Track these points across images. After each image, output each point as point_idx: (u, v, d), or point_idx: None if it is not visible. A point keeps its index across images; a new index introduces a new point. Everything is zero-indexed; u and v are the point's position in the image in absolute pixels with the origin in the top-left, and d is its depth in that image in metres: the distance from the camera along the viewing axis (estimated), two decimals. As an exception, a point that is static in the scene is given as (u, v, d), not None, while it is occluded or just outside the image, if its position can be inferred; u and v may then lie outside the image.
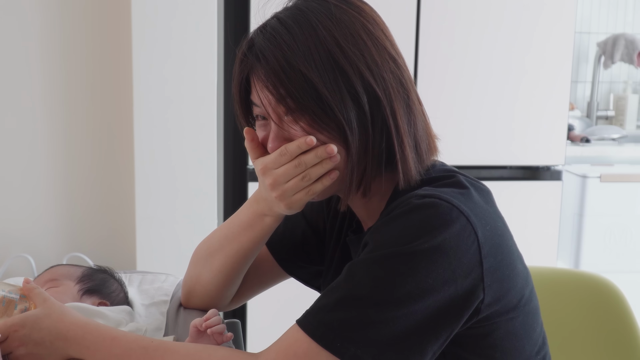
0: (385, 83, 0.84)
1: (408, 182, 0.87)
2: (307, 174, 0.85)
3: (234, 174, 2.32)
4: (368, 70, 0.83)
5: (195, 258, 1.10)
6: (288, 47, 0.83)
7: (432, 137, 0.92)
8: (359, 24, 0.85)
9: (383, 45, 0.86)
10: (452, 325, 0.79)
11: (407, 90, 0.87)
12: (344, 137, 0.84)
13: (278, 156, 0.86)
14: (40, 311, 0.90)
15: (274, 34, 0.84)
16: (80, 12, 2.02)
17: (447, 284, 0.77)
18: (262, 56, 0.84)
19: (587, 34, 3.25)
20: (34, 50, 2.02)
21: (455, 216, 0.78)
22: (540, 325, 0.92)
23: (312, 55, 0.82)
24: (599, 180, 2.57)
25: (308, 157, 0.84)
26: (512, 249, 0.86)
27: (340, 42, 0.83)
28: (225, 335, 0.94)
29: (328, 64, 0.82)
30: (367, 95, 0.83)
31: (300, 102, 0.83)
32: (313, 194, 0.87)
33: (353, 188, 0.87)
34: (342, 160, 0.86)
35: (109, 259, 2.10)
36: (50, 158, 2.08)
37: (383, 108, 0.84)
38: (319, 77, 0.82)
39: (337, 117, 0.83)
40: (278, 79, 0.83)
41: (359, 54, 0.83)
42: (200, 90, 1.98)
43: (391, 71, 0.85)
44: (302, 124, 0.84)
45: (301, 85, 0.82)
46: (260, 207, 0.96)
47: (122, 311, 1.09)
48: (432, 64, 2.13)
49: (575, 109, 3.17)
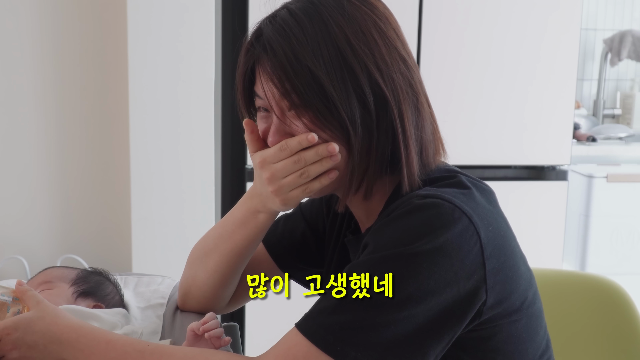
0: (394, 84, 0.84)
1: (411, 186, 0.87)
2: (305, 170, 0.85)
3: (232, 174, 2.32)
4: (377, 70, 0.83)
5: (191, 259, 1.10)
6: (297, 41, 0.82)
7: (439, 141, 0.92)
8: (371, 21, 0.85)
9: (394, 45, 0.86)
10: (454, 328, 0.79)
11: (417, 92, 0.87)
12: (347, 137, 0.84)
13: (278, 151, 0.86)
14: (33, 314, 0.90)
15: (284, 26, 0.84)
16: (74, 8, 2.02)
17: (449, 286, 0.77)
18: (269, 48, 0.84)
19: (593, 30, 3.25)
20: (27, 47, 2.02)
21: (457, 217, 0.79)
22: (543, 328, 0.92)
23: (321, 51, 0.82)
24: (605, 181, 2.57)
25: (308, 154, 0.84)
26: (515, 250, 0.86)
27: (351, 40, 0.83)
28: (223, 339, 0.94)
29: (336, 61, 0.82)
30: (374, 96, 0.83)
31: (304, 98, 0.83)
32: (310, 192, 0.88)
33: (352, 189, 0.88)
34: (343, 160, 0.86)
35: (104, 261, 2.10)
36: (43, 157, 2.08)
37: (390, 110, 0.84)
38: (326, 74, 0.82)
39: (341, 116, 0.83)
40: (284, 73, 0.83)
41: (369, 53, 0.83)
42: (197, 87, 1.98)
43: (401, 72, 0.85)
44: (304, 120, 0.84)
45: (307, 81, 0.82)
46: (254, 204, 0.97)
47: (117, 314, 1.09)
48: (435, 63, 2.13)
49: (581, 108, 3.17)
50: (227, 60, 2.16)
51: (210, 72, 1.98)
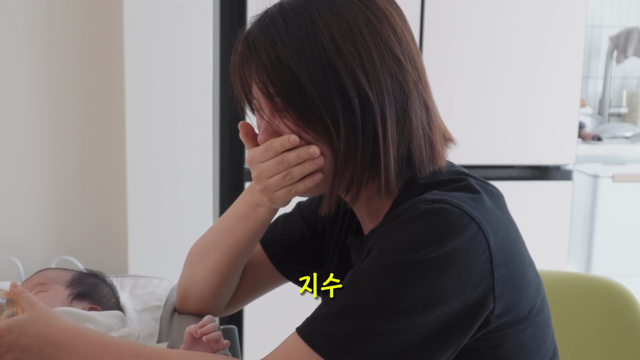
0: (380, 86, 0.83)
1: (387, 192, 0.86)
2: (289, 172, 0.87)
3: (230, 174, 2.32)
4: (362, 72, 0.82)
5: (190, 257, 1.10)
6: (280, 40, 0.82)
7: (435, 146, 0.89)
8: (363, 18, 0.83)
9: (387, 44, 0.84)
10: (460, 338, 0.79)
11: (407, 95, 0.85)
12: (330, 139, 0.84)
13: (264, 150, 0.87)
14: (28, 316, 0.89)
15: (269, 24, 0.84)
16: (70, 5, 2.02)
17: (456, 295, 0.76)
18: (254, 48, 0.85)
19: (598, 27, 3.25)
20: (21, 44, 2.02)
21: (466, 223, 0.78)
22: (551, 336, 0.92)
23: (304, 50, 0.82)
24: (611, 180, 2.57)
25: (291, 155, 0.86)
26: (524, 256, 0.85)
27: (337, 39, 0.82)
28: (222, 343, 0.94)
29: (320, 61, 0.81)
30: (358, 98, 0.82)
31: (286, 100, 0.83)
32: (295, 194, 0.89)
33: (340, 192, 0.88)
34: (328, 163, 0.86)
35: (100, 263, 2.10)
36: (37, 156, 2.08)
37: (373, 113, 0.83)
38: (308, 74, 0.81)
39: (323, 117, 0.82)
40: (267, 75, 0.83)
41: (355, 53, 0.82)
42: (195, 85, 1.98)
43: (390, 74, 0.84)
44: (288, 121, 0.85)
45: (288, 82, 0.82)
46: (254, 197, 0.99)
47: (113, 316, 1.09)
48: (438, 60, 2.13)
49: (586, 106, 3.17)
50: (225, 57, 2.16)
51: (208, 69, 1.98)
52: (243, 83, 0.89)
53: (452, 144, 0.94)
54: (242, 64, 0.88)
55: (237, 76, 0.90)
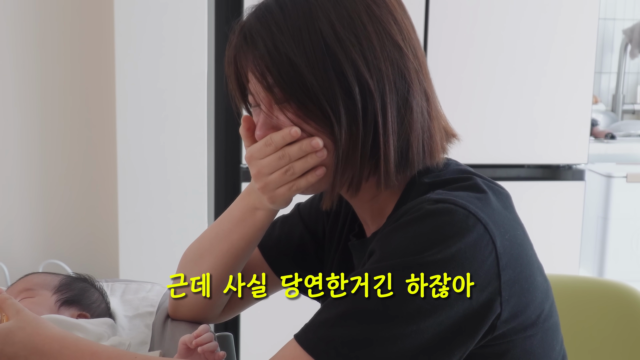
0: (380, 74, 0.83)
1: (387, 185, 0.86)
2: (290, 167, 0.86)
3: (226, 174, 2.32)
4: (362, 59, 0.82)
5: (183, 261, 1.10)
6: (277, 28, 0.83)
7: (435, 139, 0.89)
8: (362, 4, 0.84)
9: (387, 31, 0.85)
10: (466, 344, 0.79)
11: (409, 83, 0.85)
12: (331, 130, 0.84)
13: (263, 146, 0.87)
14: (13, 324, 0.89)
15: (266, 12, 0.84)
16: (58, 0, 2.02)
17: (461, 299, 0.76)
18: (250, 38, 0.85)
19: (612, 20, 3.25)
20: (6, 41, 2.02)
21: (472, 224, 0.78)
22: (560, 342, 0.91)
23: (302, 37, 0.82)
24: (625, 180, 2.57)
25: (292, 149, 0.85)
26: (532, 259, 0.85)
27: (336, 25, 0.82)
28: (218, 354, 0.94)
29: (318, 48, 0.82)
30: (359, 86, 0.82)
31: (286, 90, 0.83)
32: (297, 190, 0.89)
33: (341, 186, 0.87)
34: (329, 156, 0.86)
35: (89, 267, 2.10)
36: (23, 157, 2.08)
37: (374, 102, 0.83)
38: (307, 62, 0.82)
39: (323, 106, 0.82)
40: (265, 65, 0.83)
41: (355, 40, 0.82)
42: (189, 82, 1.98)
43: (391, 61, 0.84)
44: (288, 113, 0.85)
45: (286, 71, 0.82)
46: (252, 200, 0.98)
47: (103, 324, 1.09)
48: (443, 55, 2.13)
49: (599, 103, 3.17)
50: (221, 53, 2.16)
51: (203, 64, 1.98)
52: (238, 77, 0.89)
53: (456, 139, 0.94)
54: (237, 56, 0.88)
55: (232, 70, 0.90)
